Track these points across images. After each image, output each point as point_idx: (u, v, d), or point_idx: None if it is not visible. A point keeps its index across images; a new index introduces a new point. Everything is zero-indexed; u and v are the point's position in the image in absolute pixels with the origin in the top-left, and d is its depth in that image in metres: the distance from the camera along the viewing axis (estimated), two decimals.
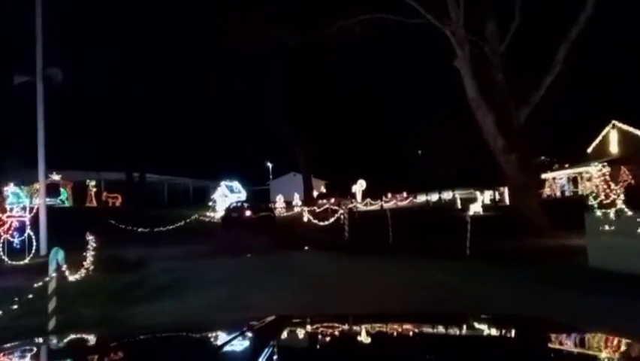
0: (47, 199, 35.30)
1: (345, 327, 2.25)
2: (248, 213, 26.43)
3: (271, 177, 62.90)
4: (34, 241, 13.35)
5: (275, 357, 1.56)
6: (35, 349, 2.02)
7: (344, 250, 12.25)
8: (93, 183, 39.25)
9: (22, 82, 14.39)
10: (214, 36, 22.77)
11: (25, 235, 13.26)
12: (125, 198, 38.88)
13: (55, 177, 36.77)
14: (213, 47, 24.25)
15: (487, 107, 14.80)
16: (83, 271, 9.65)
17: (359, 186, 51.56)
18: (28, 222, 13.35)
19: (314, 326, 2.21)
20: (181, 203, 48.00)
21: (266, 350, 1.56)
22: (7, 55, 14.30)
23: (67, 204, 36.91)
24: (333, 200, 38.50)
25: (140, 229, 24.39)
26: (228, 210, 29.40)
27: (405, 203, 36.17)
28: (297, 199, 43.79)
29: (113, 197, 40.46)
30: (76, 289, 8.18)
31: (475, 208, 28.26)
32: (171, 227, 25.20)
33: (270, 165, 64.61)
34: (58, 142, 39.23)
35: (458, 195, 39.28)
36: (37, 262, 13.17)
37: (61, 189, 37.07)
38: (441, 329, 2.16)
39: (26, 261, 12.90)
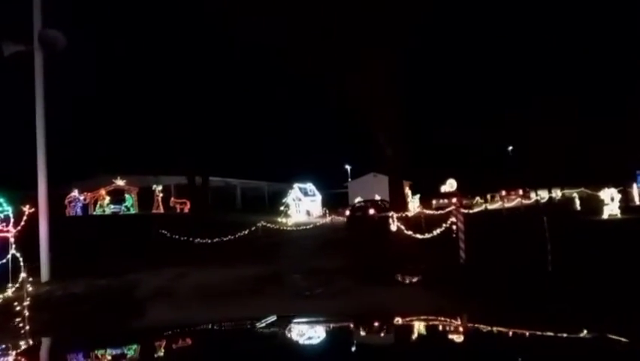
0: (112, 206, 34.05)
1: (346, 327, 2.26)
2: (371, 211, 26.18)
3: (350, 179, 58.75)
4: (21, 263, 9.64)
5: (276, 357, 1.65)
6: (35, 349, 2.05)
7: (464, 291, 7.20)
8: (160, 188, 36.74)
9: (14, 52, 10.83)
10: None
11: (9, 256, 9.57)
12: (192, 204, 36.02)
13: (120, 182, 34.69)
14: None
15: None
16: None
17: (449, 187, 46.00)
18: (12, 239, 9.64)
19: (315, 327, 2.25)
20: (256, 207, 45.61)
21: (267, 349, 1.69)
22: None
23: (132, 211, 34.61)
24: (455, 199, 33.76)
25: (197, 240, 20.81)
26: (353, 209, 30.45)
27: (513, 203, 30.09)
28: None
29: (181, 202, 37.71)
30: None
31: (611, 210, 21.88)
32: (232, 237, 21.38)
33: (348, 167, 61.27)
34: (124, 145, 37.77)
35: (575, 194, 32.64)
36: (22, 295, 9.42)
37: (127, 195, 34.85)
38: (441, 333, 2.12)
39: (6, 293, 9.22)
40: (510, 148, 60.02)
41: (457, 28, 29.69)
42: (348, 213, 31.18)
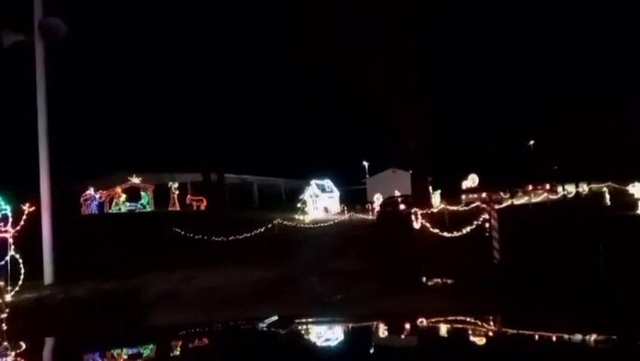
0: (127, 204, 33.72)
1: (346, 328, 2.24)
2: (402, 207, 26.34)
3: (367, 175, 57.86)
4: (21, 266, 9.06)
5: (278, 357, 1.67)
6: (35, 349, 2.03)
7: (504, 297, 6.32)
8: (176, 185, 36.34)
9: (14, 42, 10.24)
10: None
11: (8, 257, 8.98)
12: (209, 201, 35.52)
13: (136, 180, 34.37)
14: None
15: None
16: None
17: (470, 182, 45.07)
18: (10, 240, 9.06)
19: (316, 327, 2.26)
20: (272, 204, 45.17)
21: (269, 350, 1.71)
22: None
23: (148, 209, 34.27)
24: (484, 195, 32.98)
25: (212, 238, 20.23)
26: (384, 204, 30.51)
27: (540, 198, 28.86)
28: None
29: (198, 200, 37.26)
30: None
31: None
32: (248, 235, 20.74)
33: (366, 163, 60.51)
34: (139, 143, 37.44)
35: (605, 188, 31.23)
36: (24, 299, 8.87)
37: (142, 193, 34.51)
38: (443, 332, 2.11)
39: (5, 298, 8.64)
40: (531, 143, 58.85)
41: (481, 22, 28.61)
42: (378, 208, 30.89)
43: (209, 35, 30.83)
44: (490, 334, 2.01)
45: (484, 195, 31.69)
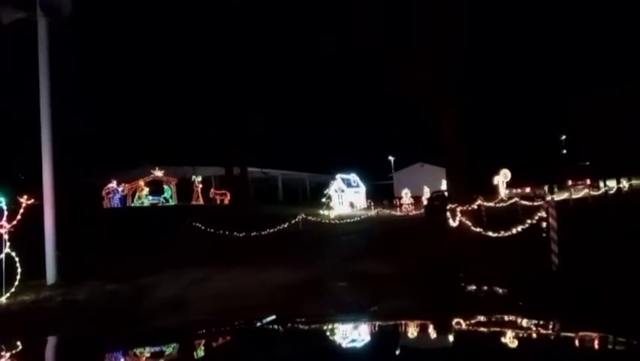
0: (150, 197, 33.17)
1: (344, 327, 2.21)
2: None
3: (393, 170, 56.59)
4: (17, 265, 8.20)
5: (274, 356, 1.64)
6: (35, 349, 2.02)
7: (573, 311, 5.06)
8: (199, 178, 35.68)
9: (15, 20, 9.40)
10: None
11: (2, 255, 8.13)
12: (233, 196, 34.73)
13: (159, 172, 33.79)
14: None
15: None
16: None
17: (502, 177, 43.28)
18: (6, 235, 8.20)
19: (313, 326, 2.22)
20: (297, 199, 44.42)
21: (266, 348, 1.68)
22: None
23: (171, 203, 33.69)
24: (528, 189, 31.61)
25: (233, 234, 19.37)
26: (431, 199, 30.40)
27: (580, 194, 27.13)
28: (427, 194, 36.70)
29: (222, 194, 36.54)
30: None
31: None
32: (272, 230, 19.79)
33: (391, 158, 59.28)
34: (163, 135, 36.88)
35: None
36: (19, 301, 8.02)
37: (165, 187, 33.93)
38: (438, 333, 2.08)
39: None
40: (563, 138, 56.99)
41: (512, 12, 26.97)
42: (425, 202, 30.74)
43: (235, 25, 29.94)
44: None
45: (527, 189, 30.28)
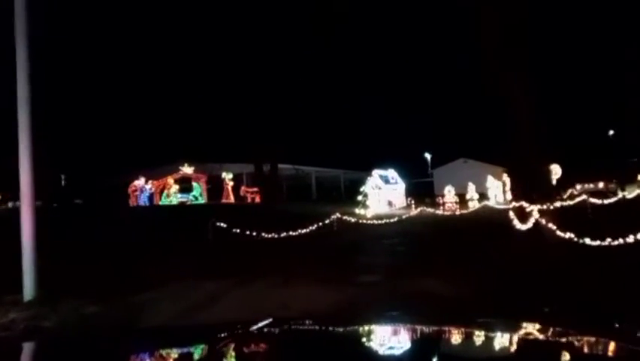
0: (179, 195, 31.74)
1: (341, 331, 2.23)
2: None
3: (430, 168, 54.06)
4: None
5: (270, 359, 1.70)
6: (36, 348, 2.05)
7: None
8: (230, 176, 34.13)
9: None
10: None
11: None
12: (264, 194, 33.05)
13: (188, 169, 32.43)
14: None
15: None
16: None
17: (552, 174, 40.14)
18: None
19: (310, 329, 2.24)
20: (331, 197, 42.50)
21: (261, 352, 1.73)
22: None
23: (201, 201, 32.28)
24: (601, 185, 29.13)
25: (262, 235, 17.48)
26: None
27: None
28: (472, 191, 33.99)
29: (253, 192, 34.89)
30: None
31: None
32: (303, 231, 17.84)
33: (428, 155, 56.64)
34: (191, 131, 35.60)
35: None
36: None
37: (194, 184, 32.52)
38: (439, 334, 2.12)
39: None
40: (611, 133, 53.58)
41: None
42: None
43: (269, 19, 28.27)
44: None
45: (600, 185, 27.61)
